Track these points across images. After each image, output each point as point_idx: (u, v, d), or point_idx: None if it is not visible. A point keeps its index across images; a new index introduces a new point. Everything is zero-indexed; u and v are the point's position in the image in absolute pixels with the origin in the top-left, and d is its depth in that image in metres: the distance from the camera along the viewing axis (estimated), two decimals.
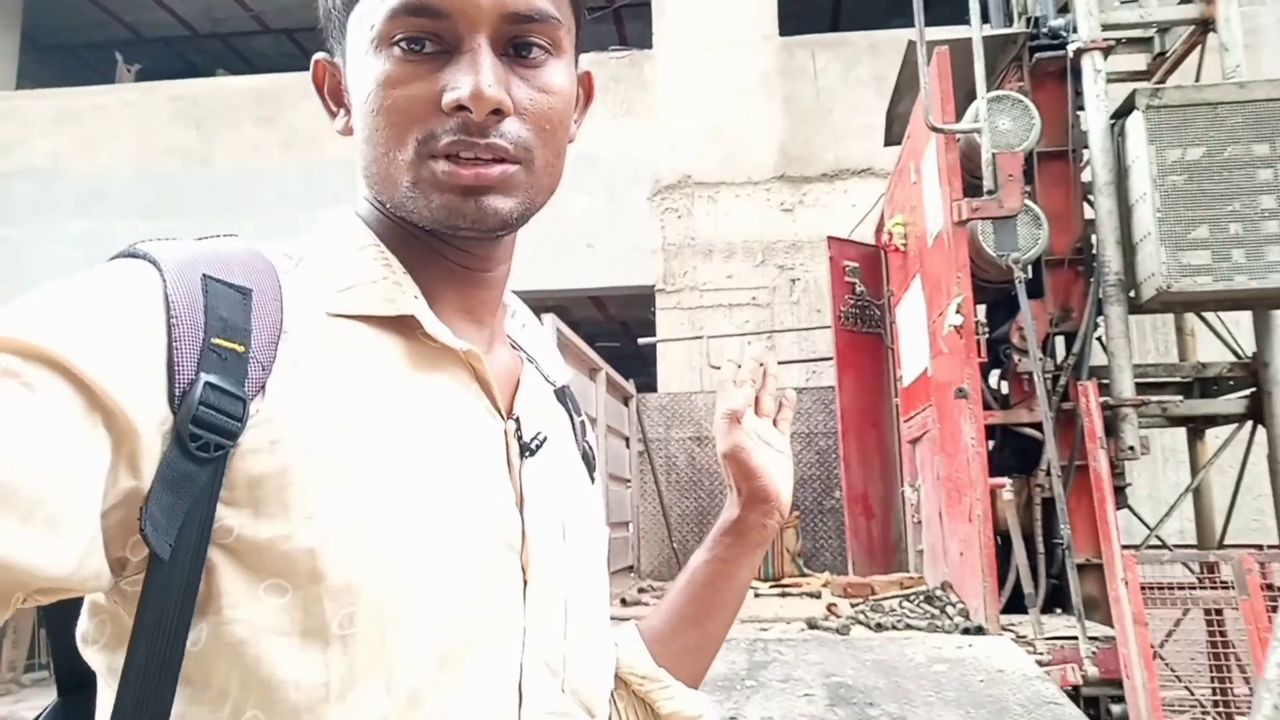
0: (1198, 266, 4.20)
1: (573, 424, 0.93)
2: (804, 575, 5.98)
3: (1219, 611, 4.54)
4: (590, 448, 0.96)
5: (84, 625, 0.65)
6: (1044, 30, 4.81)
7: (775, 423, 1.03)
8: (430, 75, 0.70)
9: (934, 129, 4.01)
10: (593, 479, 0.93)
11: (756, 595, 5.35)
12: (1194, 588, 4.42)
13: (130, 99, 9.33)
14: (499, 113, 0.70)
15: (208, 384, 0.59)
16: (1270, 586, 3.82)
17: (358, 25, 0.72)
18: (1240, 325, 4.93)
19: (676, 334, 7.48)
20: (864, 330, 6.25)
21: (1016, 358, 4.55)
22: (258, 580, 0.61)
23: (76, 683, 0.68)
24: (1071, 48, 4.58)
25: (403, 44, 0.70)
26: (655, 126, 7.93)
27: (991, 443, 4.76)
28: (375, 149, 0.71)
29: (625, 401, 6.37)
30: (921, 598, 4.50)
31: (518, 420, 0.78)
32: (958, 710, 2.95)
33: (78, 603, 0.65)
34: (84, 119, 9.26)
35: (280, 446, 0.62)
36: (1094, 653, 3.63)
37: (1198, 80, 5.17)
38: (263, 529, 0.61)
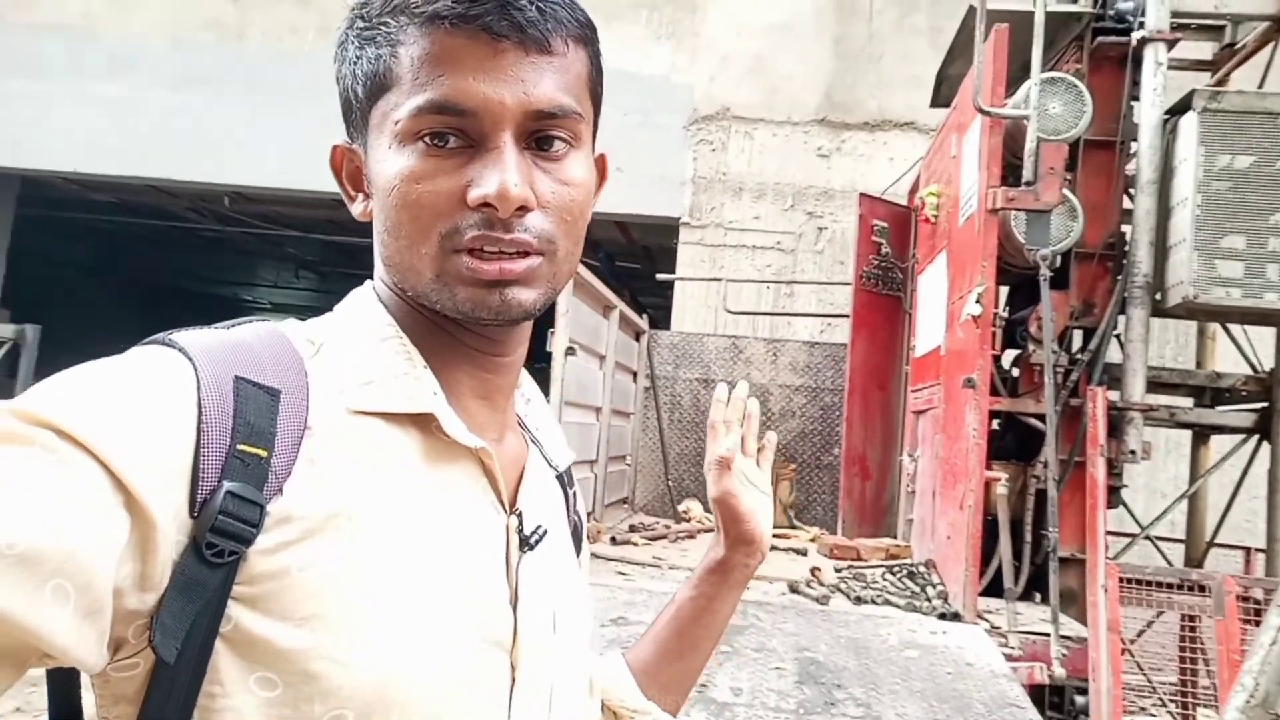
0: (1229, 278, 4.13)
1: (566, 499, 0.95)
2: (794, 528, 6.07)
3: (1194, 616, 4.61)
4: (580, 520, 0.99)
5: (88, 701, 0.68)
6: (1111, 12, 4.62)
7: (758, 461, 1.11)
8: (455, 171, 0.70)
9: (981, 111, 3.89)
10: (579, 550, 0.97)
11: None
12: (1173, 589, 4.48)
13: None
14: (524, 209, 0.71)
15: (229, 493, 0.61)
16: (1247, 598, 3.86)
17: (381, 119, 0.73)
18: (1263, 338, 4.86)
19: (697, 271, 7.42)
20: (884, 292, 6.20)
21: (1031, 347, 4.52)
22: (249, 671, 0.63)
23: (68, 716, 0.71)
24: (1136, 36, 4.41)
25: (427, 139, 0.70)
26: (698, 53, 7.72)
27: (996, 423, 4.77)
28: (398, 241, 0.73)
29: (636, 337, 6.37)
30: (904, 572, 4.57)
31: (520, 514, 0.80)
32: (922, 702, 3.04)
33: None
34: None
35: (288, 549, 0.64)
36: (1064, 654, 3.70)
37: (1263, 80, 4.99)
38: (260, 624, 0.63)
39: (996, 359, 4.46)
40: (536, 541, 0.80)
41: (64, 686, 0.71)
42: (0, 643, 0.53)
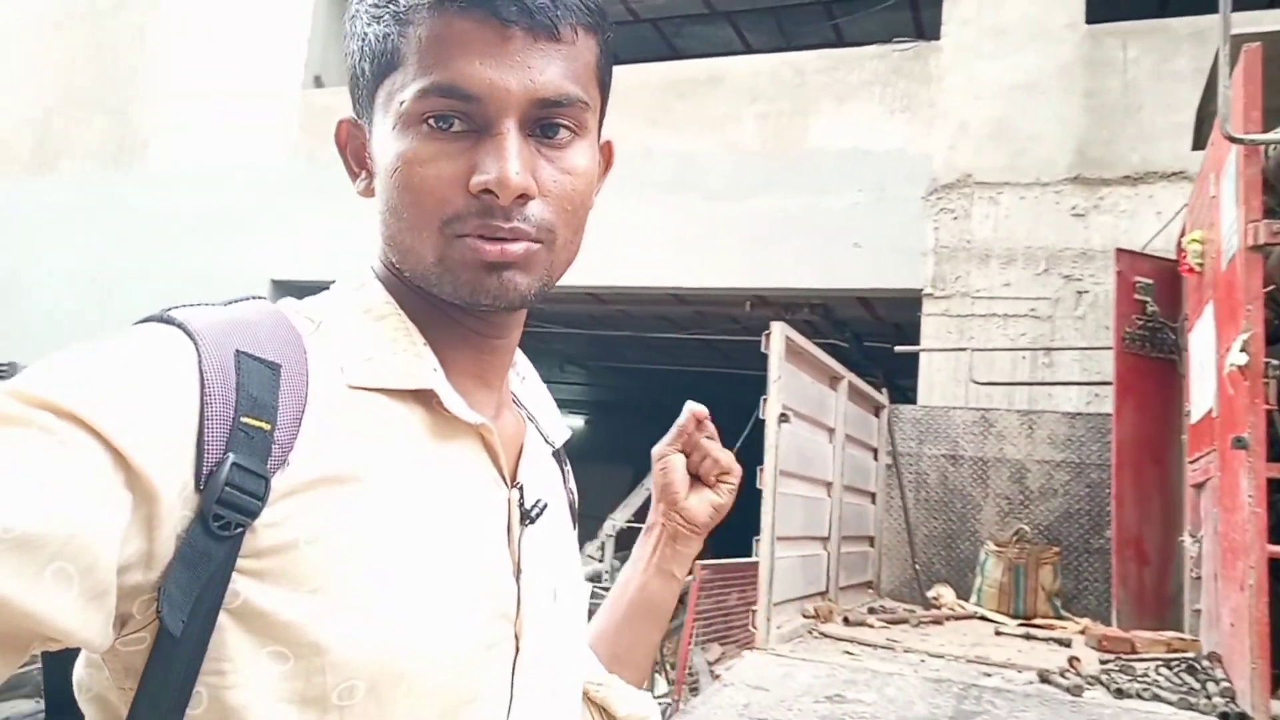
0: None
1: (562, 472, 0.97)
2: (1060, 618, 5.49)
3: None
4: (574, 496, 1.01)
5: (79, 673, 0.70)
6: None
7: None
8: (457, 155, 0.72)
9: (1231, 139, 3.49)
10: (574, 524, 0.99)
11: (998, 633, 4.99)
12: None
13: None
14: (524, 197, 0.72)
15: (235, 464, 0.63)
16: None
17: (386, 98, 0.75)
18: None
19: (943, 343, 7.08)
20: (1153, 355, 5.58)
21: None
22: (260, 646, 0.64)
23: (63, 703, 0.72)
24: None
25: (431, 121, 0.72)
26: (935, 122, 7.51)
27: None
28: (400, 221, 0.75)
29: (875, 412, 6.14)
30: (1183, 667, 3.98)
31: (521, 488, 0.82)
32: None
33: None
34: None
35: (294, 521, 0.66)
36: None
37: None
38: (268, 597, 0.64)
39: (1273, 414, 3.87)
40: (537, 515, 0.81)
41: (60, 663, 0.72)
42: (2, 627, 0.54)
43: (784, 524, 4.10)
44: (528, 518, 0.80)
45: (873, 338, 9.74)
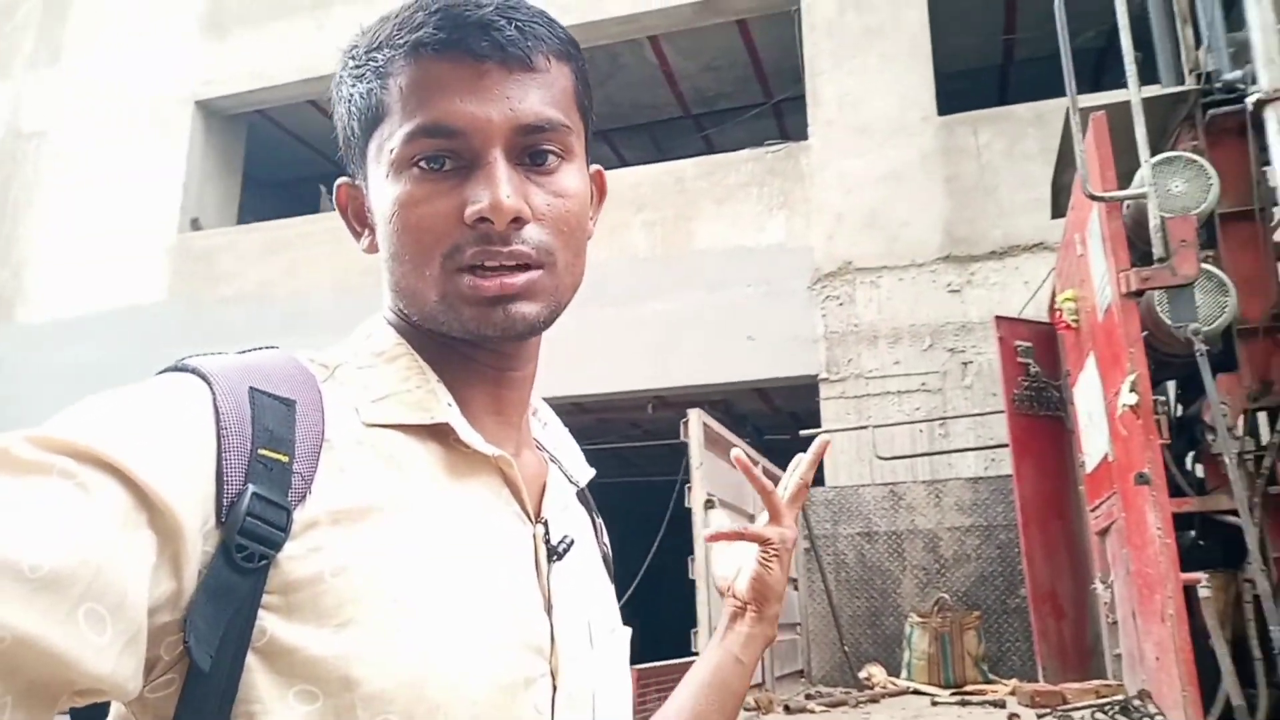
0: None
1: (593, 525, 0.95)
2: (988, 682, 5.52)
3: None
4: (608, 550, 0.98)
5: None
6: (1218, 85, 4.47)
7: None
8: (451, 191, 0.73)
9: (1092, 197, 3.78)
10: (612, 581, 0.95)
11: (934, 703, 4.98)
12: None
13: (331, 226, 10.23)
14: (519, 220, 0.72)
15: (255, 495, 0.62)
16: None
17: (376, 150, 0.77)
18: None
19: (842, 424, 7.27)
20: (1041, 413, 5.85)
21: (1210, 436, 4.11)
22: (287, 686, 0.61)
23: None
24: (1250, 100, 4.23)
25: (422, 163, 0.73)
26: (812, 216, 7.90)
27: (1192, 533, 4.30)
28: (402, 265, 0.75)
29: None
30: (1117, 709, 4.04)
31: (545, 524, 0.80)
32: None
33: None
34: (291, 245, 10.20)
35: (318, 554, 0.64)
36: None
37: None
38: (294, 632, 0.62)
39: (1179, 459, 4.09)
40: (565, 550, 0.79)
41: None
42: (30, 675, 0.51)
43: (720, 615, 4.04)
44: (555, 553, 0.79)
45: (772, 430, 9.91)
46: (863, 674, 5.86)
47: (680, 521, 4.07)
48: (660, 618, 5.60)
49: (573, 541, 0.80)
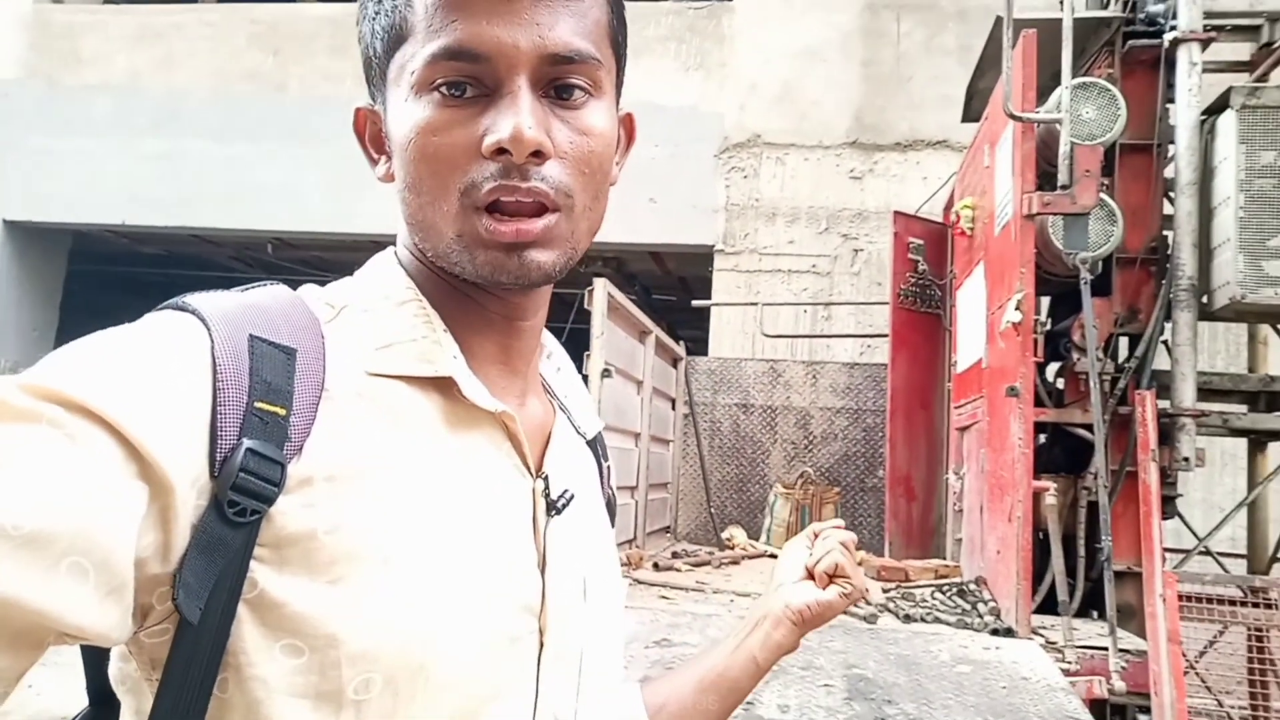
0: (1277, 277, 4.03)
1: (600, 471, 0.94)
2: None
3: (1261, 631, 4.44)
4: (614, 494, 0.98)
5: (115, 665, 0.68)
6: (1141, 15, 4.58)
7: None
8: (471, 120, 0.69)
9: (1012, 116, 3.86)
10: (613, 524, 0.96)
11: None
12: (1237, 604, 4.32)
13: (211, 19, 9.42)
14: (540, 155, 0.69)
15: (249, 450, 0.60)
16: None
17: (397, 72, 0.72)
18: None
19: (733, 297, 7.41)
20: (923, 310, 6.13)
21: (1075, 356, 4.43)
22: (275, 639, 0.62)
23: (104, 695, 0.70)
24: (1168, 37, 4.36)
25: (443, 89, 0.69)
26: (727, 82, 7.77)
27: (1043, 437, 4.67)
28: (419, 198, 0.72)
29: (674, 363, 6.35)
30: (954, 590, 4.46)
31: (546, 478, 0.79)
32: (976, 716, 2.94)
33: None
34: (165, 36, 9.37)
35: (311, 510, 0.63)
36: (1124, 667, 3.57)
37: None
38: (285, 587, 0.62)
39: (1040, 368, 4.38)
40: (564, 505, 0.79)
41: (96, 657, 0.71)
42: (13, 625, 0.52)
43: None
44: (553, 509, 0.78)
45: (661, 290, 10.02)
46: (725, 534, 6.23)
47: None
48: None
49: (573, 496, 0.80)
